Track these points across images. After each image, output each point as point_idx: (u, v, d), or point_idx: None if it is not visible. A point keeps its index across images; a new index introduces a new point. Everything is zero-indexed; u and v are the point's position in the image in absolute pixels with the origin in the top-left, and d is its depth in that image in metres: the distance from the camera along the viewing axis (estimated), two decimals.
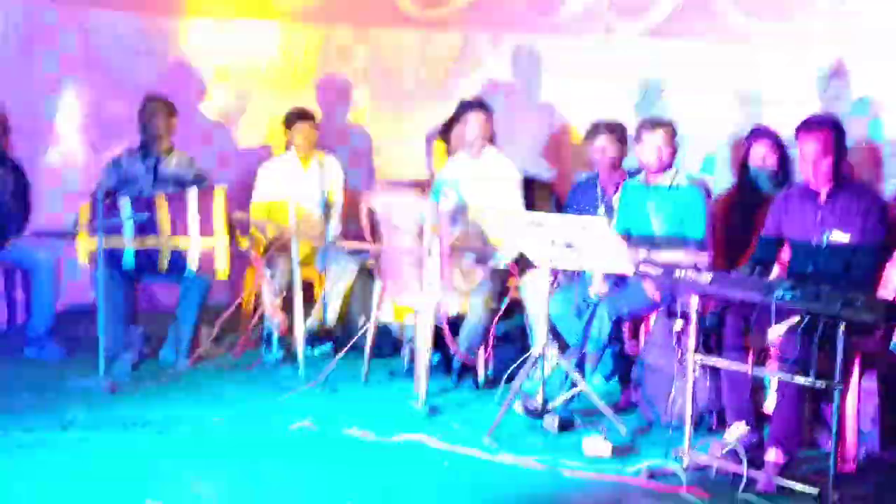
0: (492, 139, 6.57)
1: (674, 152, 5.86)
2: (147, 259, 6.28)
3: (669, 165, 5.86)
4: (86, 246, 6.16)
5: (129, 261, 6.24)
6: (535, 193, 6.88)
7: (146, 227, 6.21)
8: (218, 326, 6.38)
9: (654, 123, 5.89)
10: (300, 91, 7.93)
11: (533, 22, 8.08)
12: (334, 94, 8.19)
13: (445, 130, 7.44)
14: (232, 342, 6.68)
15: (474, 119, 6.48)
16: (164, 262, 6.29)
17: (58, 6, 7.42)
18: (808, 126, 5.16)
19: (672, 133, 5.85)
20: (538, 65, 8.13)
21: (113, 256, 6.15)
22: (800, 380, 4.52)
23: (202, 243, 6.25)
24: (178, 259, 6.28)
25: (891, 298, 4.79)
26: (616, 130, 6.35)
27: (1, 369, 6.23)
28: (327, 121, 7.43)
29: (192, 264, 6.29)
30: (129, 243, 6.21)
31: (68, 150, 7.58)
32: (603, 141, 6.34)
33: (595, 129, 6.43)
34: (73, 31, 7.51)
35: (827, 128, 5.11)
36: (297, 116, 7.17)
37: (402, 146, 8.15)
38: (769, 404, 4.83)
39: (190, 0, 7.66)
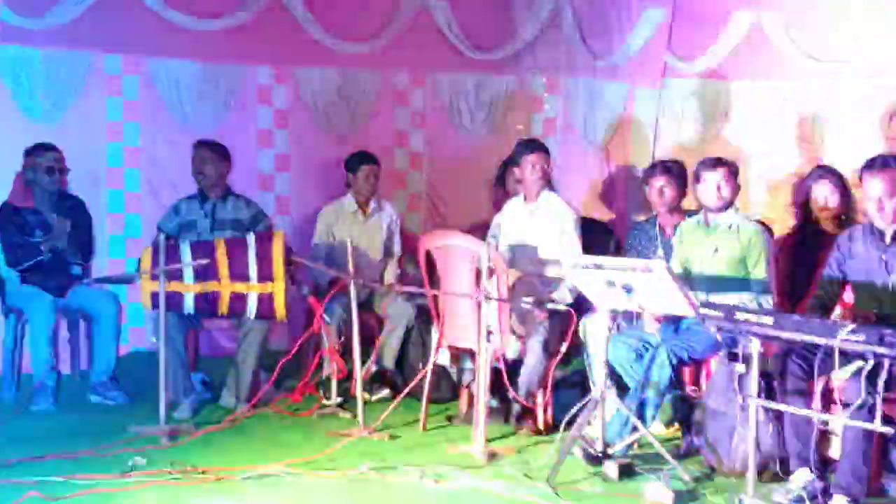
0: (549, 181, 6.55)
1: (735, 191, 5.79)
2: (207, 303, 6.32)
3: (730, 205, 5.80)
4: (148, 291, 6.21)
5: (189, 305, 6.28)
6: (594, 235, 6.85)
7: (206, 271, 6.24)
8: (277, 371, 6.39)
9: (714, 162, 5.83)
10: (355, 135, 7.96)
11: (589, 65, 8.09)
12: (392, 138, 8.23)
13: (503, 172, 7.46)
14: (291, 387, 6.69)
15: (531, 161, 6.46)
16: (224, 307, 6.32)
17: (122, 54, 7.54)
18: (873, 165, 5.09)
19: (732, 171, 5.78)
20: (595, 106, 8.13)
21: (174, 301, 6.19)
22: (865, 425, 4.42)
23: (261, 287, 6.27)
24: (237, 303, 6.31)
25: None
26: (673, 170, 6.31)
27: (64, 415, 6.31)
28: (384, 164, 7.46)
29: (252, 308, 6.31)
30: (189, 287, 6.25)
31: (130, 196, 7.67)
32: (661, 180, 6.30)
33: (652, 169, 6.41)
34: (137, 76, 7.62)
35: (893, 167, 5.03)
36: (360, 159, 7.20)
37: (460, 189, 8.16)
38: (834, 450, 4.73)
39: (252, 47, 7.73)
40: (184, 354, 6.44)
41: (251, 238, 6.41)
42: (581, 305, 5.99)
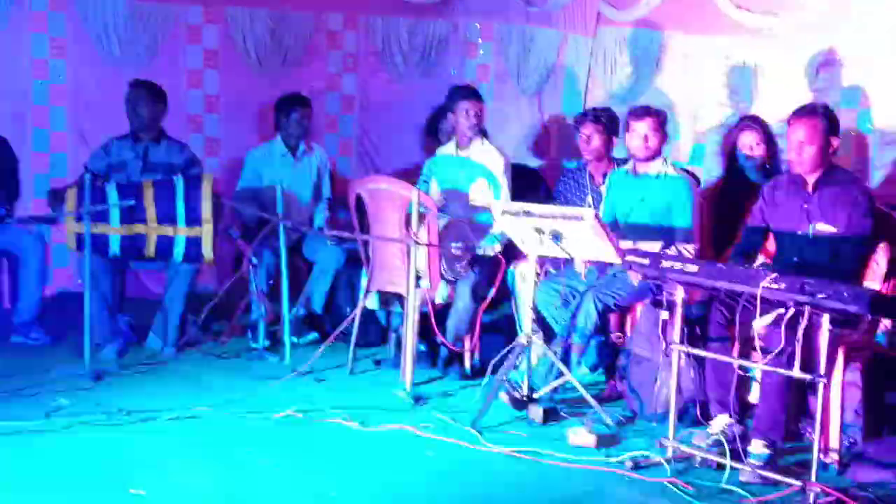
0: (482, 128, 6.54)
1: (662, 141, 5.85)
2: (133, 246, 6.25)
3: (658, 154, 5.85)
4: (73, 232, 6.13)
5: (115, 247, 6.21)
6: (525, 181, 6.87)
7: (133, 213, 6.17)
8: (205, 314, 6.36)
9: (642, 111, 5.87)
10: (287, 78, 7.88)
11: (523, 11, 8.06)
12: (324, 80, 8.15)
13: (434, 120, 7.44)
14: (219, 330, 6.67)
15: (465, 107, 6.45)
16: (151, 249, 6.26)
17: None
18: (799, 113, 5.14)
19: (660, 121, 5.83)
20: (528, 53, 8.12)
21: (99, 242, 6.12)
22: (784, 371, 4.52)
23: (188, 230, 6.21)
24: (165, 246, 6.25)
25: (876, 289, 4.79)
26: (602, 119, 6.33)
27: None
28: (316, 107, 7.39)
29: (179, 251, 6.26)
30: (115, 230, 6.17)
31: (56, 136, 7.53)
32: (589, 129, 6.33)
33: (582, 118, 6.43)
34: (62, 13, 7.45)
35: (817, 115, 5.09)
36: (291, 102, 7.13)
37: (392, 134, 8.13)
38: (753, 396, 4.83)
39: None
40: (110, 296, 6.37)
41: (179, 181, 6.33)
42: (510, 251, 6.03)
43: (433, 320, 5.90)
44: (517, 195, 6.35)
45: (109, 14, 7.54)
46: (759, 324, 4.59)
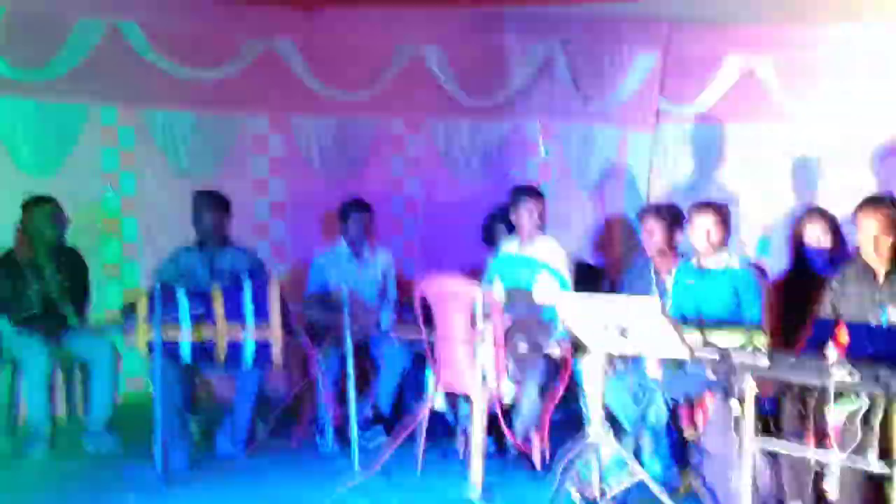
0: (542, 226, 6.57)
1: (725, 235, 5.82)
2: (204, 351, 6.30)
3: (722, 248, 5.82)
4: (144, 338, 6.21)
5: (185, 353, 6.28)
6: (588, 279, 6.86)
7: (203, 319, 6.25)
8: (274, 417, 6.38)
9: (703, 205, 5.87)
10: (352, 182, 8.00)
11: (582, 110, 8.15)
12: (388, 184, 8.27)
13: (499, 217, 7.48)
14: (288, 433, 6.68)
15: (527, 207, 6.49)
16: (221, 354, 6.31)
17: (116, 104, 7.57)
18: (868, 204, 5.12)
19: (722, 215, 5.81)
20: (588, 151, 8.18)
21: (170, 348, 6.20)
22: (862, 465, 4.42)
23: (257, 334, 6.27)
24: (234, 351, 6.31)
25: None
26: (664, 213, 6.33)
27: (60, 463, 6.28)
28: (380, 210, 7.49)
29: (248, 356, 6.31)
30: (185, 335, 6.25)
31: (127, 246, 7.68)
32: (651, 224, 6.32)
33: (644, 213, 6.43)
34: (132, 127, 7.65)
35: (887, 206, 5.06)
36: (351, 207, 7.24)
37: (455, 234, 8.19)
38: (831, 490, 4.72)
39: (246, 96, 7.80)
40: (180, 401, 6.41)
41: (248, 286, 6.41)
42: (577, 347, 5.99)
43: (501, 419, 5.86)
44: (580, 291, 6.34)
45: (177, 126, 7.73)
46: (834, 416, 4.51)
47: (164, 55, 7.45)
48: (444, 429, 6.61)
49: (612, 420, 5.72)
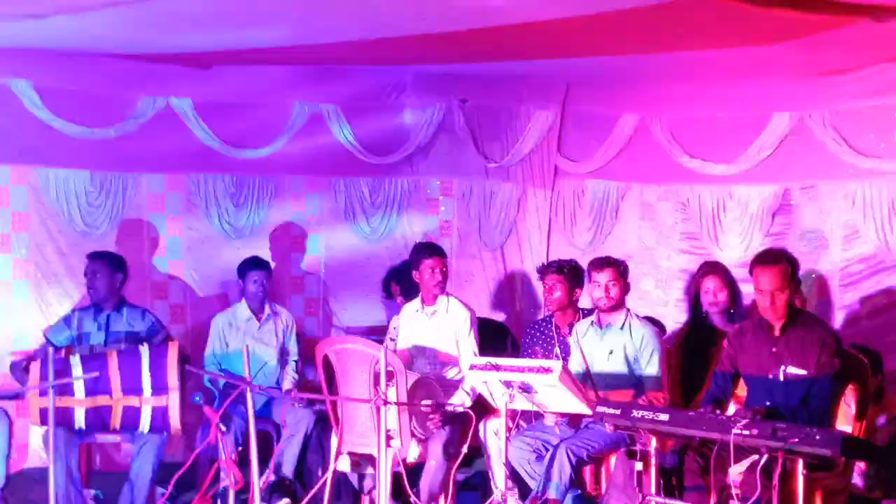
0: (444, 284, 6.57)
1: (624, 291, 5.90)
2: (99, 418, 6.16)
3: (621, 304, 5.90)
4: (36, 406, 6.04)
5: (80, 420, 6.12)
6: (491, 335, 6.88)
7: (98, 385, 6.10)
8: (172, 484, 6.23)
9: (602, 262, 5.94)
10: (253, 241, 7.92)
11: (482, 167, 8.21)
12: (288, 242, 8.20)
13: (388, 282, 7.49)
14: (188, 501, 6.53)
15: (429, 265, 6.48)
16: (117, 421, 6.17)
17: (9, 164, 7.40)
18: (763, 260, 5.22)
19: (620, 271, 5.89)
20: (489, 208, 8.24)
21: (64, 416, 6.03)
22: None
23: (155, 400, 6.14)
24: (131, 417, 6.17)
25: (848, 432, 4.79)
26: (565, 269, 6.38)
27: None
28: (281, 269, 7.42)
29: (145, 421, 6.17)
30: (80, 402, 6.09)
31: (17, 307, 7.47)
32: (552, 280, 6.38)
33: (545, 269, 6.48)
34: (25, 188, 7.49)
35: (782, 262, 5.18)
36: (250, 266, 7.16)
37: (357, 292, 8.15)
38: None
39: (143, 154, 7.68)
40: (75, 470, 6.24)
41: (144, 350, 6.30)
42: (480, 406, 5.99)
43: (406, 481, 5.81)
44: (484, 348, 6.36)
45: (72, 185, 7.56)
46: (735, 471, 4.57)
47: (57, 113, 7.30)
48: (348, 493, 6.54)
49: (517, 478, 5.72)
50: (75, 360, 6.19)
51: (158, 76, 7.52)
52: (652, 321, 6.14)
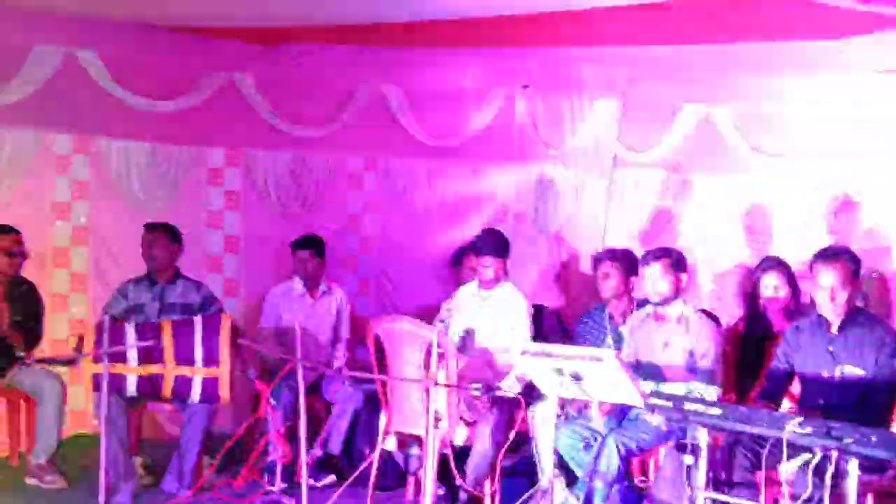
0: (505, 274, 6.53)
1: (678, 282, 5.82)
2: (150, 386, 6.22)
3: (676, 295, 5.83)
4: (90, 372, 6.11)
5: (132, 387, 6.17)
6: (544, 322, 6.84)
7: (151, 353, 6.16)
8: (221, 455, 6.28)
9: (652, 256, 5.87)
10: (308, 218, 7.94)
11: (543, 153, 8.16)
12: (344, 221, 8.22)
13: (461, 255, 7.46)
14: (235, 472, 6.57)
15: (489, 262, 6.43)
16: (168, 389, 6.22)
17: (71, 133, 7.48)
18: (825, 257, 5.14)
19: (674, 262, 5.81)
20: (549, 194, 8.19)
21: (117, 383, 6.09)
22: None
23: (206, 371, 6.19)
24: (182, 386, 6.22)
25: None
26: (619, 258, 6.33)
27: (1, 499, 6.13)
28: (336, 248, 7.43)
29: (196, 391, 6.22)
30: (133, 370, 6.15)
31: (76, 276, 7.56)
32: (607, 267, 6.33)
33: (600, 256, 6.44)
34: (87, 156, 7.56)
35: (844, 259, 5.09)
36: (303, 243, 7.18)
37: (410, 273, 8.14)
38: None
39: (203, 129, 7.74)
40: (125, 437, 6.30)
41: (198, 321, 6.34)
42: (530, 393, 5.96)
43: (452, 463, 5.81)
44: (536, 335, 6.32)
45: (132, 157, 7.64)
46: (786, 469, 4.50)
47: (121, 85, 7.36)
48: (394, 472, 6.54)
49: (564, 467, 5.69)
50: (130, 329, 6.25)
51: (222, 51, 7.56)
52: (709, 315, 6.07)
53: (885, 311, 6.55)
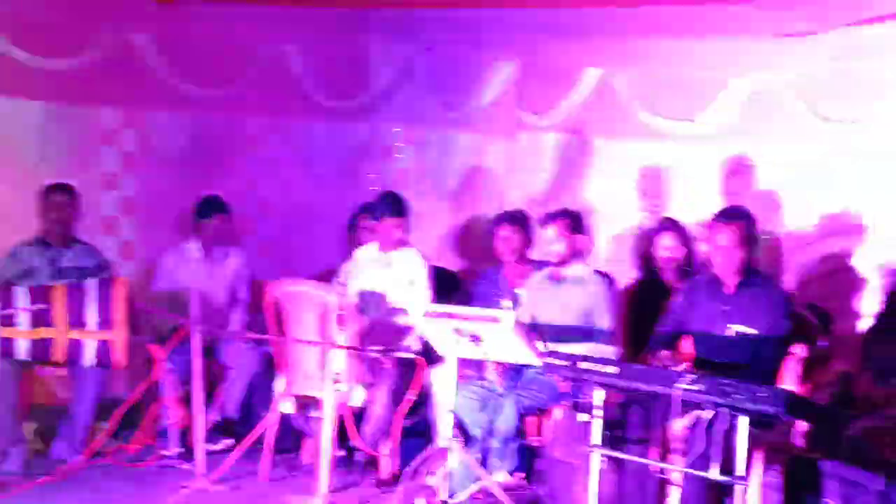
0: (406, 232, 6.50)
1: (577, 243, 5.86)
2: (42, 350, 6.07)
3: (575, 256, 5.86)
4: None
5: (22, 351, 6.03)
6: (442, 284, 6.83)
7: (42, 317, 6.02)
8: (114, 420, 6.17)
9: (550, 217, 5.89)
10: (206, 181, 7.81)
11: (442, 116, 8.13)
12: (243, 184, 8.10)
13: (355, 219, 7.41)
14: (128, 437, 6.47)
15: (391, 223, 6.40)
16: (60, 354, 6.09)
17: None
18: (723, 217, 5.21)
19: (573, 223, 5.85)
20: (448, 156, 8.17)
21: (6, 346, 5.94)
22: (703, 474, 4.47)
23: (99, 334, 6.06)
24: (74, 350, 6.09)
25: (793, 390, 4.80)
26: (518, 220, 6.35)
27: None
28: (236, 209, 7.32)
29: (89, 355, 6.09)
30: (23, 333, 6.00)
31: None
32: (506, 230, 6.35)
33: (499, 219, 6.45)
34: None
35: (742, 220, 5.16)
36: (208, 205, 7.06)
37: (310, 236, 8.07)
38: (673, 500, 4.77)
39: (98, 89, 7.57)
40: (15, 402, 6.15)
41: (92, 284, 6.21)
42: (430, 354, 5.96)
43: (351, 425, 5.79)
44: (436, 297, 6.31)
45: (25, 117, 7.42)
46: (678, 425, 4.57)
47: (13, 42, 7.14)
48: (291, 435, 6.49)
49: (461, 426, 5.70)
50: (20, 292, 6.09)
51: (118, 9, 7.38)
52: (605, 276, 6.11)
53: (775, 273, 6.66)
